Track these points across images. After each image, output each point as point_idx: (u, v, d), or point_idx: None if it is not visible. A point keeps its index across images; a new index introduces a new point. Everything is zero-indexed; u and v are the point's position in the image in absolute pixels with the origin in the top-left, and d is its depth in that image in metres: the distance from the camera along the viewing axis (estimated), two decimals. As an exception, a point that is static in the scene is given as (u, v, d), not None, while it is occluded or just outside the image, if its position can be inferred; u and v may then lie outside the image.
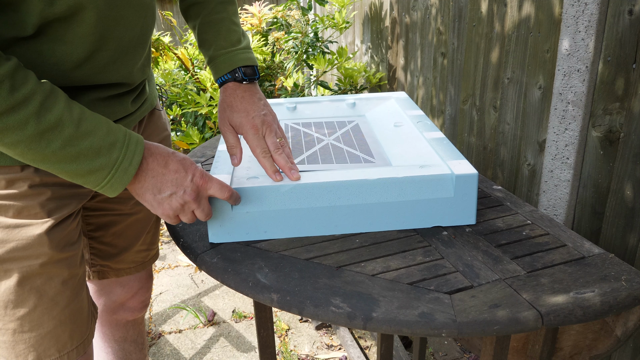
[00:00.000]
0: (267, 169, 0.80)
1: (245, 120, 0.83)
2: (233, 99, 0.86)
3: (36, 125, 0.60)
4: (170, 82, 2.19)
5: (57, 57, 0.67)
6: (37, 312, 0.75)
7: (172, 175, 0.69)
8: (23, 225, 0.72)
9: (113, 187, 0.66)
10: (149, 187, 0.68)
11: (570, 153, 1.22)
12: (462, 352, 1.71)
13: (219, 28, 0.90)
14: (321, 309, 0.64)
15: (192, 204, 0.70)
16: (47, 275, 0.74)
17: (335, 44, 2.69)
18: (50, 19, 0.64)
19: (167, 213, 0.70)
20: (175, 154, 0.71)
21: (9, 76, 0.58)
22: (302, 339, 1.82)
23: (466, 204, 0.80)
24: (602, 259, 0.72)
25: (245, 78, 0.87)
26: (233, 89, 0.87)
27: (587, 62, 1.13)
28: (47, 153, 0.61)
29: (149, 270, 1.12)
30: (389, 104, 1.15)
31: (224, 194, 0.72)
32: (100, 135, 0.64)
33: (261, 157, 0.81)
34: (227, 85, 0.88)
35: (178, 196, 0.69)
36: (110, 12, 0.69)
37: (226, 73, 0.88)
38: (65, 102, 0.63)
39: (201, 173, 0.71)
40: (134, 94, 0.84)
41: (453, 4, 1.65)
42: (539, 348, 0.80)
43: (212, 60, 0.90)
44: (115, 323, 1.13)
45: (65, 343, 0.79)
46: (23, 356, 0.76)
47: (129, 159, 0.66)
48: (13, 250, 0.71)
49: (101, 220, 0.96)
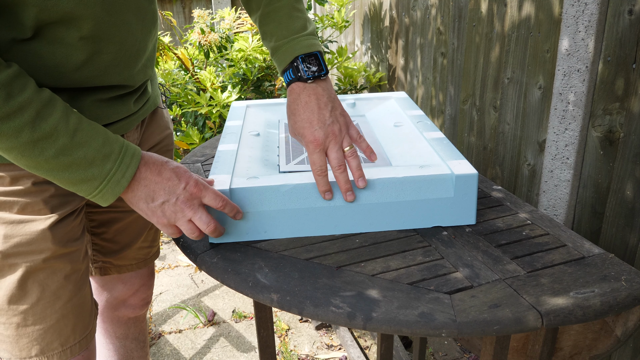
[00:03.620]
0: (319, 187, 0.76)
1: (308, 132, 0.76)
2: (296, 105, 0.78)
3: (30, 133, 0.61)
4: (170, 82, 2.19)
5: (57, 60, 0.68)
6: (40, 305, 0.75)
7: (165, 183, 0.69)
8: (27, 221, 0.73)
9: (104, 197, 0.67)
10: (141, 196, 0.69)
11: (570, 153, 1.22)
12: (462, 352, 1.71)
13: (280, 17, 0.82)
14: (321, 309, 0.64)
15: (186, 212, 0.69)
16: (50, 269, 0.75)
17: (335, 43, 2.69)
18: (47, 22, 0.64)
19: (162, 222, 0.70)
20: (169, 163, 0.70)
21: (7, 84, 0.59)
22: (302, 339, 1.82)
23: (466, 204, 0.80)
24: (602, 259, 0.72)
25: (309, 77, 0.78)
26: (297, 92, 0.78)
27: (587, 62, 1.13)
28: (40, 160, 0.62)
29: (151, 268, 1.13)
30: (389, 104, 1.15)
31: (217, 203, 0.71)
32: (95, 146, 0.65)
33: (316, 175, 0.75)
34: (292, 87, 0.79)
35: (170, 204, 0.69)
36: (110, 17, 0.69)
37: (288, 69, 0.80)
38: (63, 112, 0.63)
39: (195, 181, 0.70)
40: (136, 95, 0.84)
41: (453, 4, 1.65)
42: (539, 348, 0.80)
43: (273, 53, 0.83)
44: (117, 320, 1.14)
45: (68, 337, 0.79)
46: (27, 350, 0.77)
47: (122, 172, 0.67)
48: (17, 245, 0.72)
49: (104, 217, 0.97)
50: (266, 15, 0.84)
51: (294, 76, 0.79)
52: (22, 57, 0.65)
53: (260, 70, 2.27)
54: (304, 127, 0.76)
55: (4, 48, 0.64)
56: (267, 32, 0.84)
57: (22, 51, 0.65)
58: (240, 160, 0.88)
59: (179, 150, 2.15)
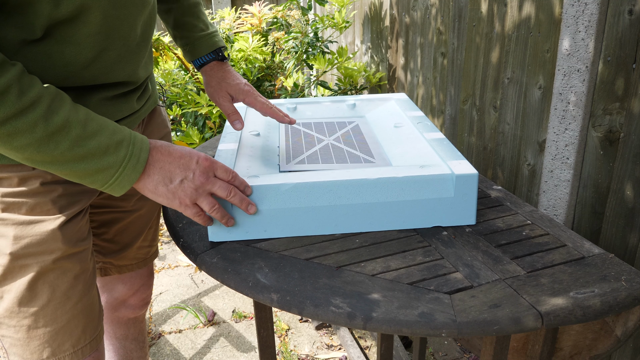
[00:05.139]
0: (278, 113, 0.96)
1: (244, 87, 0.98)
2: (224, 73, 0.99)
3: (45, 127, 0.61)
4: (170, 82, 2.19)
5: (66, 59, 0.68)
6: (50, 306, 0.75)
7: (178, 161, 0.69)
8: (36, 221, 0.73)
9: (121, 185, 0.67)
10: (160, 180, 0.69)
11: (570, 153, 1.22)
12: (462, 352, 1.71)
13: (197, 12, 1.00)
14: (321, 309, 0.64)
15: (206, 185, 0.70)
16: (60, 269, 0.75)
17: (335, 43, 2.69)
18: (57, 21, 0.65)
19: (185, 202, 0.70)
20: (174, 145, 0.72)
21: (17, 80, 0.59)
22: (302, 339, 1.82)
23: (466, 204, 0.80)
24: (602, 259, 0.72)
25: (226, 58, 1.02)
26: (220, 65, 1.00)
27: (587, 62, 1.13)
28: (56, 154, 0.62)
29: (150, 268, 1.13)
30: (389, 105, 1.15)
31: (228, 176, 0.72)
32: (107, 134, 0.65)
33: (269, 107, 0.96)
34: (213, 64, 1.00)
35: (189, 180, 0.69)
36: (115, 11, 0.70)
37: (209, 53, 1.00)
38: (71, 104, 0.64)
39: (205, 155, 0.72)
40: (139, 92, 0.85)
41: (453, 4, 1.65)
42: (539, 348, 0.80)
43: (191, 42, 0.99)
44: (117, 321, 1.14)
45: (79, 338, 0.79)
46: (38, 353, 0.76)
47: (136, 156, 0.67)
48: (27, 246, 0.72)
49: (105, 218, 0.97)
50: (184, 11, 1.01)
51: (214, 56, 1.00)
52: (32, 57, 0.66)
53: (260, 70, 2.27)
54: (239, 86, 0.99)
55: (14, 49, 0.65)
56: (185, 24, 1.00)
57: (32, 52, 0.66)
58: (241, 160, 0.88)
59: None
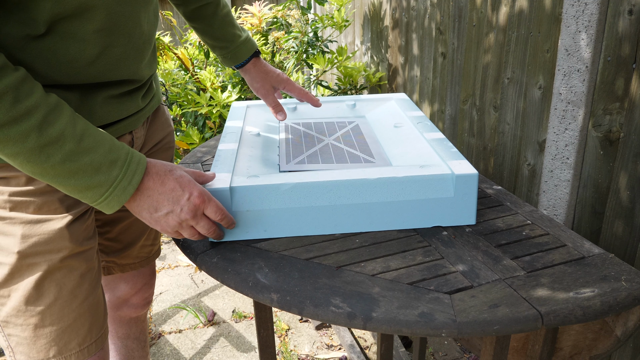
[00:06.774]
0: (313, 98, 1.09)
1: (282, 76, 1.08)
2: (264, 67, 1.09)
3: (37, 138, 0.60)
4: (170, 82, 2.19)
5: (71, 55, 0.68)
6: (57, 305, 0.75)
7: (169, 194, 0.68)
8: (44, 220, 0.73)
9: (110, 205, 0.66)
10: (145, 206, 0.68)
11: (570, 153, 1.22)
12: (462, 352, 1.71)
13: (231, 19, 1.05)
14: (321, 309, 0.64)
15: (190, 222, 0.70)
16: (67, 268, 0.75)
17: (335, 43, 2.69)
18: (61, 17, 0.64)
19: (165, 230, 0.71)
20: (173, 171, 0.70)
21: (14, 88, 0.58)
22: (302, 339, 1.82)
23: (466, 204, 0.80)
24: (602, 259, 0.72)
25: (260, 53, 1.10)
26: (257, 61, 1.08)
27: (587, 62, 1.13)
28: (46, 167, 0.61)
29: (152, 267, 1.13)
30: (389, 105, 1.15)
31: (217, 216, 0.72)
32: (102, 152, 0.64)
33: (306, 93, 1.09)
34: (252, 61, 1.08)
35: (175, 214, 0.69)
36: (119, 7, 0.70)
37: (252, 53, 1.07)
38: (70, 117, 0.63)
39: (199, 192, 0.70)
40: (144, 90, 0.85)
41: (453, 4, 1.65)
42: (539, 348, 0.80)
43: (232, 50, 1.05)
44: (119, 320, 1.14)
45: (85, 337, 0.79)
46: (44, 352, 0.76)
47: (128, 179, 0.66)
48: (35, 244, 0.72)
49: (108, 217, 0.97)
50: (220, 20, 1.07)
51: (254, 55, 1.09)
52: (36, 54, 0.65)
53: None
54: (282, 77, 1.10)
55: (19, 45, 0.64)
56: (225, 33, 1.06)
57: (36, 48, 0.65)
58: (241, 159, 0.88)
59: (179, 150, 2.15)
